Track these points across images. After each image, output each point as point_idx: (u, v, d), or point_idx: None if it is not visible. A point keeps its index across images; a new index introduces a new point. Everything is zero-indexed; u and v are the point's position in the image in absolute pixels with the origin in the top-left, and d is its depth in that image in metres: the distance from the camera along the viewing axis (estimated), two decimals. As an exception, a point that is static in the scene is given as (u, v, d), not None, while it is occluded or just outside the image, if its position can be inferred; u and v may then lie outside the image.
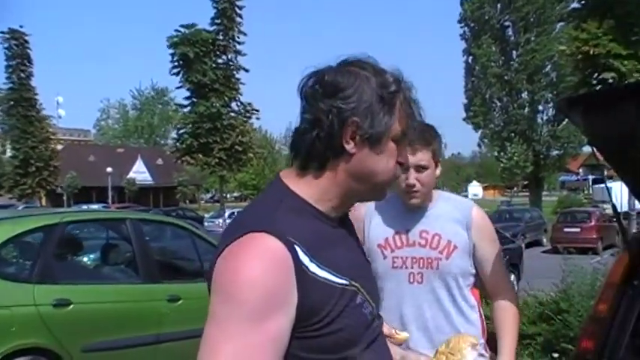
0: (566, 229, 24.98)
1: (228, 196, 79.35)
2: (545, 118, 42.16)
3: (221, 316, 1.35)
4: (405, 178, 2.50)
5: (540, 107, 42.49)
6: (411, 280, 2.54)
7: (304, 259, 1.39)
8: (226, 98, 16.45)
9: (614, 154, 2.96)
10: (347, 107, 1.45)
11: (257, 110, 17.32)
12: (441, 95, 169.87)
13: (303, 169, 1.52)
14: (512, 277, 13.95)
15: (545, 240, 28.25)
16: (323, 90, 1.47)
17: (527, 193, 49.52)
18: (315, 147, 1.47)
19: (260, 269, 1.33)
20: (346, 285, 1.46)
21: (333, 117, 1.44)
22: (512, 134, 41.57)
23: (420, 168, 2.50)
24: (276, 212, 1.44)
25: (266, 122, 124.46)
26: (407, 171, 2.48)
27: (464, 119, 43.26)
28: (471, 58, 42.98)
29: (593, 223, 25.17)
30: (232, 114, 16.92)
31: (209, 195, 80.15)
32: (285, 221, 1.42)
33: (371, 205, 2.60)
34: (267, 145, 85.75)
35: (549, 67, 41.03)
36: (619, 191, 6.96)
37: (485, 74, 41.80)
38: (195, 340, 5.64)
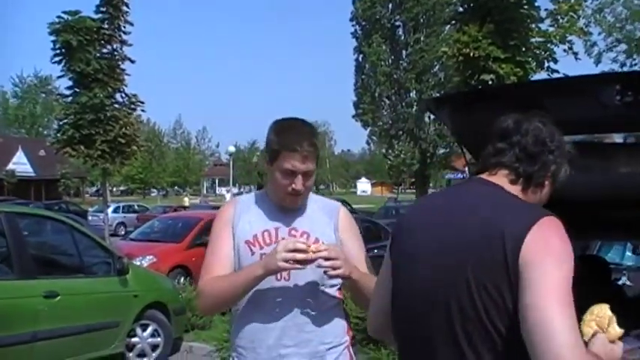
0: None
1: (114, 189, 77.24)
2: (432, 117, 43.39)
3: (558, 274, 1.69)
4: (291, 183, 2.51)
5: (428, 106, 43.60)
6: (279, 277, 2.50)
7: None
8: (110, 89, 15.94)
9: (480, 152, 3.08)
10: (556, 155, 1.98)
11: (142, 102, 16.87)
12: (332, 92, 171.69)
13: (513, 183, 1.97)
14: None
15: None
16: (547, 137, 1.98)
17: (414, 190, 50.82)
18: (536, 174, 1.97)
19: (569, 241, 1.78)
20: None
21: (552, 158, 1.97)
22: (400, 132, 42.57)
23: (307, 175, 2.53)
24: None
25: (155, 115, 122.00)
26: (293, 176, 2.50)
27: (353, 116, 43.91)
28: (361, 56, 43.67)
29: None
30: (116, 105, 16.42)
31: (94, 188, 77.74)
32: None
33: (239, 203, 2.67)
34: (155, 138, 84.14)
35: (437, 67, 42.26)
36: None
37: (375, 72, 42.59)
38: (75, 337, 5.41)
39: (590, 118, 2.48)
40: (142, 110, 17.30)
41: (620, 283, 6.14)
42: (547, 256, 1.69)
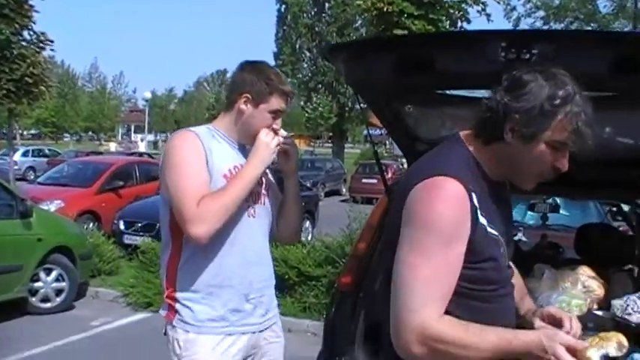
0: (364, 180, 26.11)
1: (24, 133, 74.44)
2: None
3: (420, 242, 1.76)
4: (272, 123, 2.61)
5: (347, 60, 43.62)
6: (249, 215, 2.58)
7: (475, 201, 1.80)
8: (17, 25, 15.20)
9: (376, 102, 3.16)
10: (513, 105, 1.79)
11: (51, 41, 16.03)
12: (252, 42, 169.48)
13: (476, 137, 1.91)
14: (308, 223, 14.45)
15: (344, 189, 29.39)
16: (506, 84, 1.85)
17: (331, 144, 51.17)
18: (485, 126, 1.87)
19: (450, 205, 1.76)
20: (496, 236, 1.86)
21: (501, 108, 1.81)
22: (319, 85, 42.58)
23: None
24: (459, 163, 1.85)
25: (69, 58, 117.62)
26: (278, 117, 2.62)
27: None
28: (283, 7, 43.21)
29: (390, 175, 26.57)
30: (24, 43, 15.66)
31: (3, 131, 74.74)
32: (465, 173, 1.82)
33: (202, 136, 2.53)
34: (69, 81, 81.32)
35: (360, 22, 42.25)
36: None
37: (297, 24, 42.28)
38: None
39: (475, 73, 2.58)
40: (52, 50, 16.59)
41: (515, 239, 6.43)
42: (416, 223, 1.79)
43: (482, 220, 1.82)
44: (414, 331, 1.74)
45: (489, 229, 1.84)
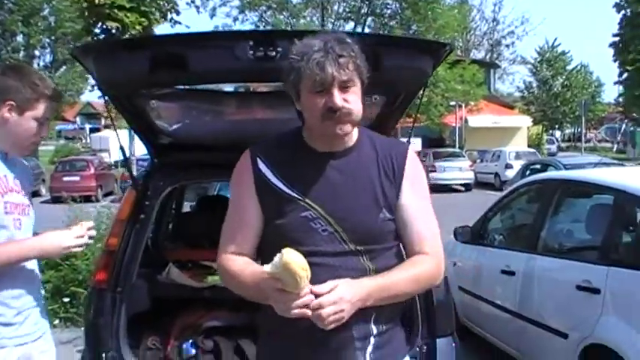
0: (65, 178, 24.96)
1: None
2: (42, 63, 41.15)
3: None
4: (40, 131, 2.56)
5: (37, 52, 41.28)
6: (15, 227, 2.50)
7: (263, 167, 2.07)
8: None
9: (122, 99, 3.18)
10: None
11: None
12: None
13: None
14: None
15: (44, 190, 27.69)
16: None
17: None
18: None
19: (236, 166, 2.15)
20: (295, 197, 2.02)
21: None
22: None
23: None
24: (271, 140, 2.17)
25: None
26: (45, 124, 2.57)
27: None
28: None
29: (92, 172, 25.89)
30: None
31: None
32: (267, 145, 2.15)
33: None
34: None
35: (48, 10, 40.05)
36: (115, 140, 7.30)
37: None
38: None
39: (227, 70, 2.77)
40: None
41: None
42: None
43: (276, 181, 2.05)
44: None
45: (287, 191, 2.04)
